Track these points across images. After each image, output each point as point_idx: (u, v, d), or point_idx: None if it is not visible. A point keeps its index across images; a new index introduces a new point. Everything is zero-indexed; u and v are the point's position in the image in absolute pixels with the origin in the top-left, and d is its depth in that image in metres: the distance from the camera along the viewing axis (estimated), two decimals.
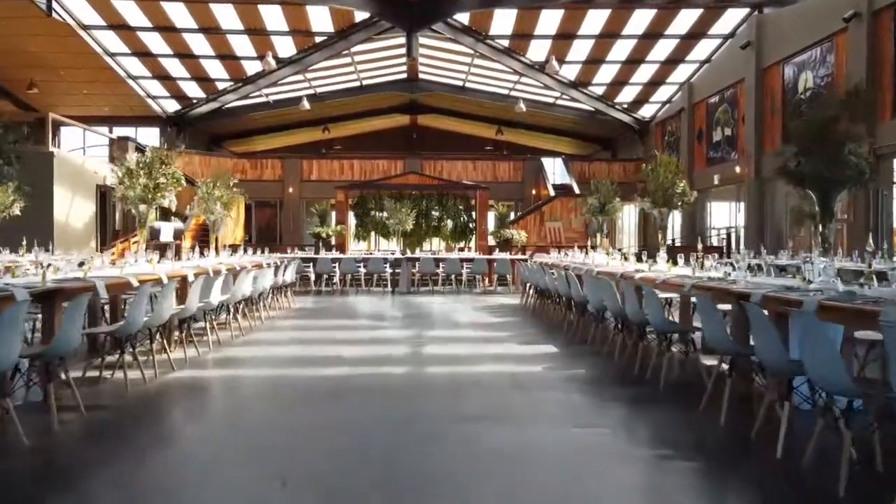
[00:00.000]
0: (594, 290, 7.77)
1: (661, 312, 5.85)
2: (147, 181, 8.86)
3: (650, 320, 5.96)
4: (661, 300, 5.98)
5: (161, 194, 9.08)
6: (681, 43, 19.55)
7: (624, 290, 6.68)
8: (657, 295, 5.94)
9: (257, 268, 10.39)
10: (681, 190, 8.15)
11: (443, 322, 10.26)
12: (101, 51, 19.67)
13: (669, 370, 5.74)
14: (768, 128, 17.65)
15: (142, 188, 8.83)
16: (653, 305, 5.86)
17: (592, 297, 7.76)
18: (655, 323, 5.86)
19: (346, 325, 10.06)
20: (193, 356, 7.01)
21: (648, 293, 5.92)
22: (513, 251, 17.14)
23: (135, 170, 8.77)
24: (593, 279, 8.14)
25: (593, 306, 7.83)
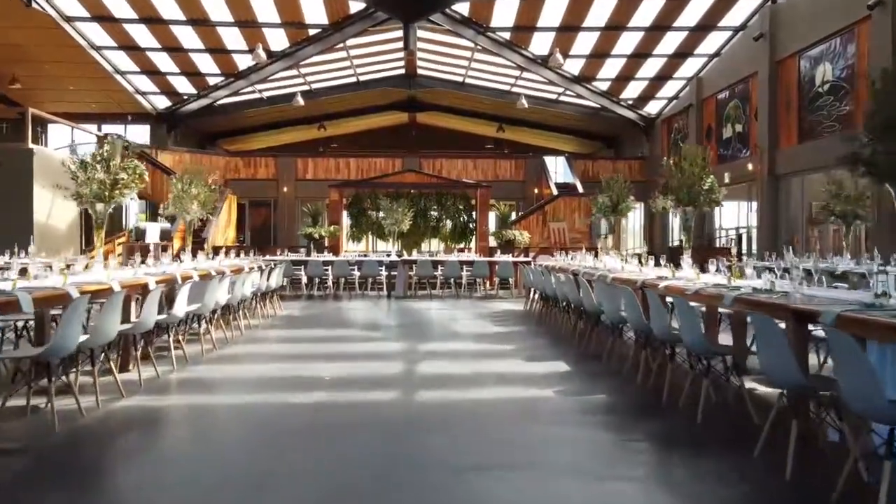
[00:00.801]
0: (610, 299, 6.78)
1: (699, 331, 4.85)
2: (104, 177, 7.83)
3: (684, 340, 4.97)
4: (698, 316, 4.99)
5: (120, 192, 8.06)
6: (689, 35, 18.55)
7: (649, 301, 5.69)
8: (694, 310, 4.94)
9: (237, 272, 9.40)
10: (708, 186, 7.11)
11: (440, 333, 9.26)
12: (86, 44, 18.68)
13: (707, 400, 4.75)
14: (783, 123, 16.64)
15: (98, 184, 7.80)
16: (688, 322, 4.86)
17: (609, 307, 6.77)
18: (693, 345, 4.86)
19: (333, 336, 9.06)
20: (151, 377, 6.01)
21: (682, 307, 4.92)
22: (515, 253, 16.15)
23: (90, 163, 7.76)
24: (608, 287, 7.15)
25: (609, 318, 6.83)
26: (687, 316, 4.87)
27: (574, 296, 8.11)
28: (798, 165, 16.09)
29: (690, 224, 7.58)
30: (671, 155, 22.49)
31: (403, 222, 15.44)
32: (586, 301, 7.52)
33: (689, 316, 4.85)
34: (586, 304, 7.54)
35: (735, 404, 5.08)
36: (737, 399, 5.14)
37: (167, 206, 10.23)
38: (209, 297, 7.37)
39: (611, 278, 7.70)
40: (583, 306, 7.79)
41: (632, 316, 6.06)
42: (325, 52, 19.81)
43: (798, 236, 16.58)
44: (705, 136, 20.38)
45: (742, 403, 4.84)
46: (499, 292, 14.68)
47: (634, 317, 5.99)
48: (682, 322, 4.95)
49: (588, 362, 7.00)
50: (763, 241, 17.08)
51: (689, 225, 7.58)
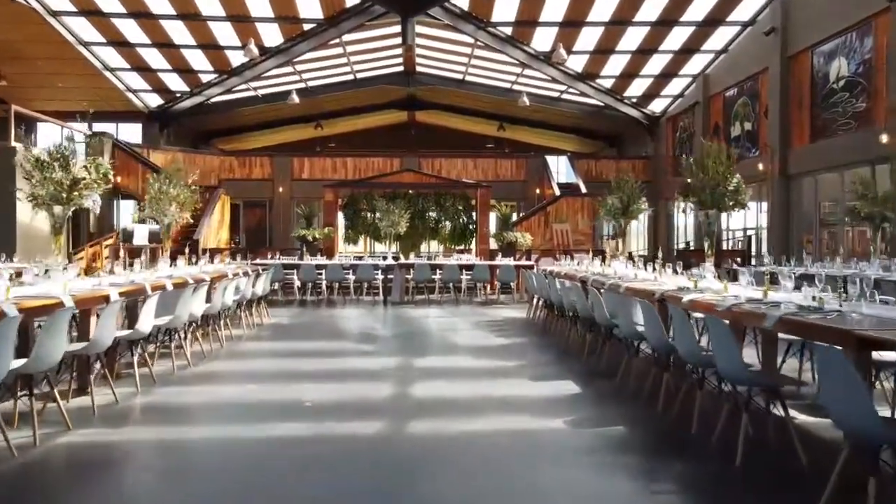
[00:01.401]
0: (624, 311, 6.04)
1: (738, 358, 4.10)
2: (63, 176, 7.06)
3: (719, 366, 4.23)
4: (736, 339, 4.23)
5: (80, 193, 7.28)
6: (696, 31, 17.81)
7: (672, 317, 4.95)
8: (732, 335, 4.18)
9: (219, 279, 8.66)
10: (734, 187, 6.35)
11: (438, 345, 8.51)
12: (74, 40, 17.95)
13: (745, 436, 4.00)
14: (795, 121, 15.89)
15: (55, 185, 7.03)
16: (724, 347, 4.11)
17: (623, 320, 6.02)
18: (731, 373, 4.12)
19: (320, 349, 8.30)
20: (108, 403, 5.27)
21: (718, 330, 4.17)
22: (517, 255, 15.41)
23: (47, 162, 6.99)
24: (621, 298, 6.41)
25: (624, 333, 6.09)
26: (723, 339, 4.11)
27: (583, 306, 7.36)
28: (811, 165, 15.35)
29: (713, 228, 6.80)
30: (677, 153, 21.77)
31: (400, 224, 14.68)
32: (597, 313, 6.77)
33: (727, 340, 4.09)
34: (597, 316, 6.79)
35: (778, 439, 4.33)
36: (777, 430, 4.39)
37: (143, 208, 9.45)
38: (182, 308, 6.62)
39: (624, 288, 6.95)
40: (593, 318, 7.06)
41: (652, 333, 5.31)
42: (320, 48, 19.07)
43: (811, 237, 15.85)
44: (712, 135, 19.61)
45: (785, 436, 4.10)
46: (500, 297, 13.94)
47: (655, 334, 5.25)
48: (716, 346, 4.21)
49: (600, 382, 6.25)
50: (774, 244, 16.33)
51: (711, 230, 6.80)
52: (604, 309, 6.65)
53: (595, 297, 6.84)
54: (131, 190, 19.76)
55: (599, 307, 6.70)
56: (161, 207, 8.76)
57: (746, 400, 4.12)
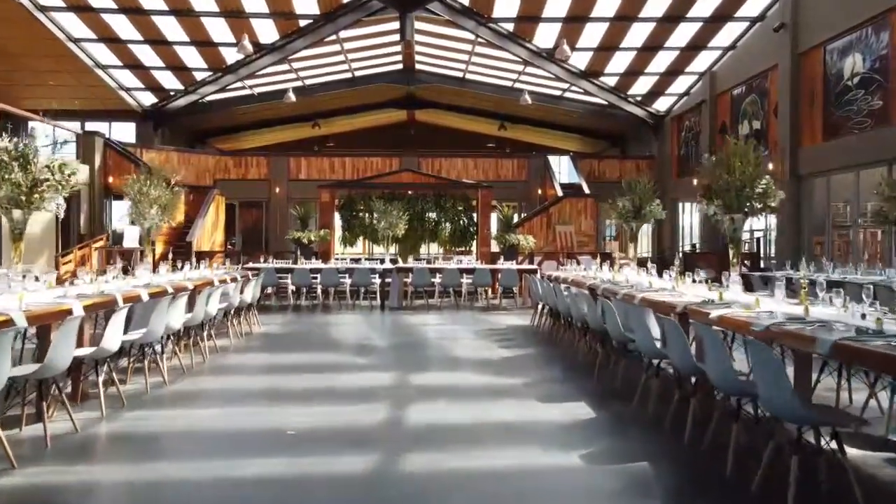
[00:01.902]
0: (641, 326, 5.43)
1: (790, 391, 3.47)
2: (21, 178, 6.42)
3: (763, 399, 3.61)
4: (785, 371, 3.60)
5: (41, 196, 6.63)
6: (703, 27, 17.17)
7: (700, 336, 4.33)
8: (781, 364, 3.55)
9: (203, 287, 8.05)
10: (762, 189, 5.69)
11: (437, 358, 7.88)
12: (63, 36, 17.32)
13: (796, 481, 3.38)
14: (806, 120, 15.26)
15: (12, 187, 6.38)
16: (770, 377, 3.49)
17: (642, 336, 5.41)
18: (780, 409, 3.50)
19: (311, 363, 7.66)
20: (64, 433, 4.65)
21: (761, 357, 3.55)
22: (519, 258, 14.80)
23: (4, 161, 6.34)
24: (637, 310, 5.79)
25: (643, 350, 5.48)
26: (769, 368, 3.49)
27: (594, 318, 6.74)
28: (823, 165, 14.72)
29: (739, 234, 6.16)
30: (682, 152, 21.15)
31: (398, 226, 14.05)
32: (610, 326, 6.15)
33: (774, 369, 3.47)
34: (611, 329, 6.17)
35: (830, 480, 3.71)
36: (830, 470, 3.77)
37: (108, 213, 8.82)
38: (157, 321, 6.00)
39: (639, 299, 6.33)
40: (605, 331, 6.44)
41: (676, 354, 4.70)
42: (317, 45, 18.44)
43: (821, 239, 15.24)
44: (719, 134, 18.99)
45: (843, 480, 3.48)
46: (502, 302, 13.32)
47: (680, 356, 4.63)
48: (761, 374, 3.59)
49: (615, 403, 5.63)
50: (784, 247, 15.72)
51: (737, 235, 6.16)
52: (618, 322, 6.03)
53: (608, 308, 6.21)
54: (123, 191, 19.12)
55: (613, 320, 6.09)
56: (141, 210, 8.13)
57: (796, 438, 3.50)
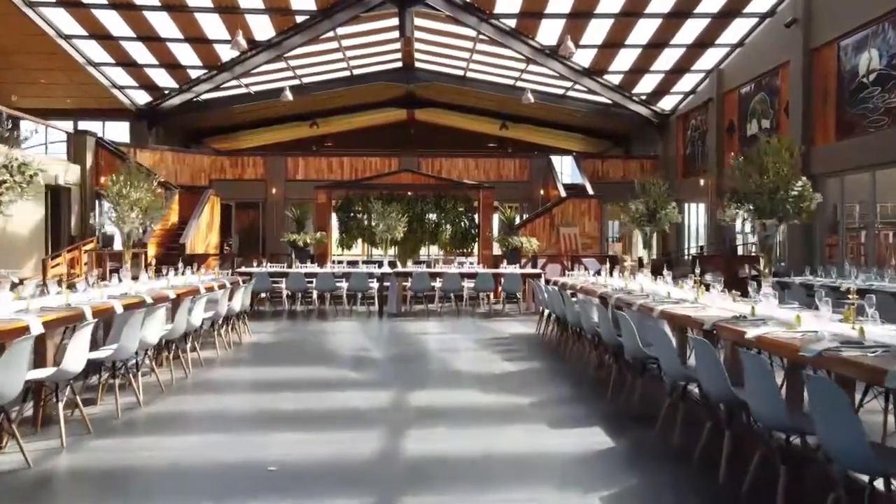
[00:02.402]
0: (663, 344, 4.84)
1: (862, 437, 2.88)
2: None
3: (825, 440, 3.02)
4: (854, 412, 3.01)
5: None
6: (711, 23, 16.57)
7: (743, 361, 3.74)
8: (849, 404, 2.96)
9: (187, 295, 7.46)
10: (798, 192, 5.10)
11: (437, 373, 7.27)
12: (53, 32, 16.72)
13: None
14: (819, 118, 14.66)
15: None
16: (835, 419, 2.91)
17: (665, 356, 4.82)
18: (848, 457, 2.91)
19: (301, 379, 7.04)
20: (15, 468, 4.06)
21: (825, 392, 2.96)
22: (523, 262, 14.20)
23: None
24: (657, 325, 5.21)
25: (666, 371, 4.89)
26: (838, 407, 2.90)
27: (607, 331, 6.14)
28: (836, 165, 14.11)
29: (772, 242, 5.56)
30: (688, 152, 20.56)
31: (397, 229, 13.45)
32: (627, 341, 5.56)
33: (842, 411, 2.88)
34: (628, 346, 5.57)
35: None
36: None
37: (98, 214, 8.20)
38: (129, 336, 5.40)
39: (659, 312, 5.74)
40: (620, 345, 5.85)
41: (709, 378, 4.11)
42: (314, 41, 17.84)
43: (835, 240, 14.66)
44: (727, 133, 18.41)
45: None
46: (505, 307, 12.73)
47: (714, 382, 4.04)
48: (825, 414, 2.99)
49: (634, 430, 5.04)
50: (795, 249, 15.13)
51: (769, 244, 5.56)
52: (636, 338, 5.44)
53: (624, 322, 5.61)
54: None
55: (630, 335, 5.49)
56: (120, 214, 7.54)
57: (870, 493, 2.90)
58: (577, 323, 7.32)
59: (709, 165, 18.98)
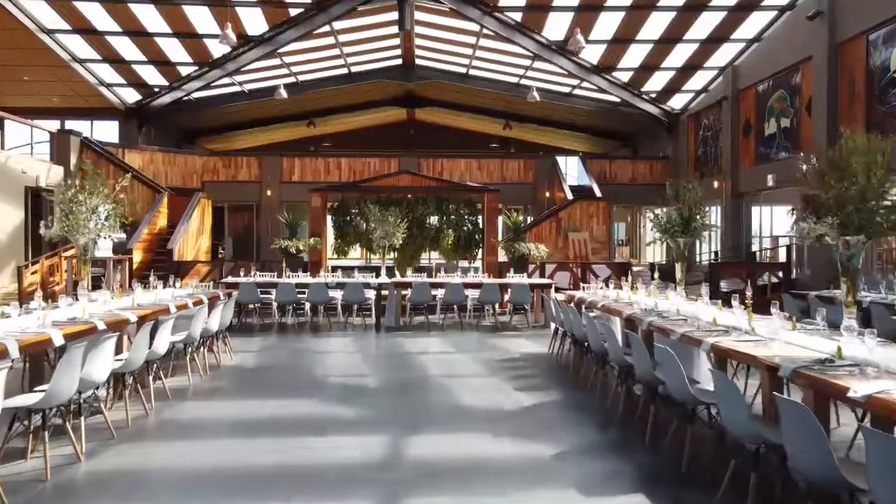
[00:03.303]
0: (728, 394, 3.79)
1: None
2: None
3: None
4: None
5: None
6: (727, 17, 15.50)
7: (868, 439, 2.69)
8: None
9: (154, 316, 6.41)
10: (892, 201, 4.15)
11: (440, 409, 6.19)
12: (34, 26, 15.66)
13: None
14: (845, 116, 13.59)
15: None
16: None
17: (731, 410, 3.77)
18: None
19: (279, 419, 5.92)
20: None
21: None
22: (530, 270, 13.17)
23: None
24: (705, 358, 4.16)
25: (738, 431, 3.83)
26: None
27: (643, 367, 5.08)
28: None
29: (857, 264, 4.51)
30: (700, 152, 19.49)
31: (395, 235, 12.39)
32: (674, 385, 4.49)
33: None
34: (675, 389, 4.51)
35: None
36: None
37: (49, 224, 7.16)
38: (64, 377, 4.35)
39: (711, 346, 4.68)
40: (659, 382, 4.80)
41: (808, 451, 3.05)
42: (309, 37, 16.78)
43: None
44: (742, 133, 17.34)
45: None
46: (512, 319, 11.67)
47: (816, 456, 2.99)
48: None
49: (690, 497, 3.98)
50: (820, 257, 14.07)
51: (854, 266, 4.50)
52: (683, 378, 4.38)
53: (667, 358, 4.54)
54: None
55: (675, 373, 4.43)
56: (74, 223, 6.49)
57: None
58: (602, 349, 6.26)
59: (723, 166, 17.92)
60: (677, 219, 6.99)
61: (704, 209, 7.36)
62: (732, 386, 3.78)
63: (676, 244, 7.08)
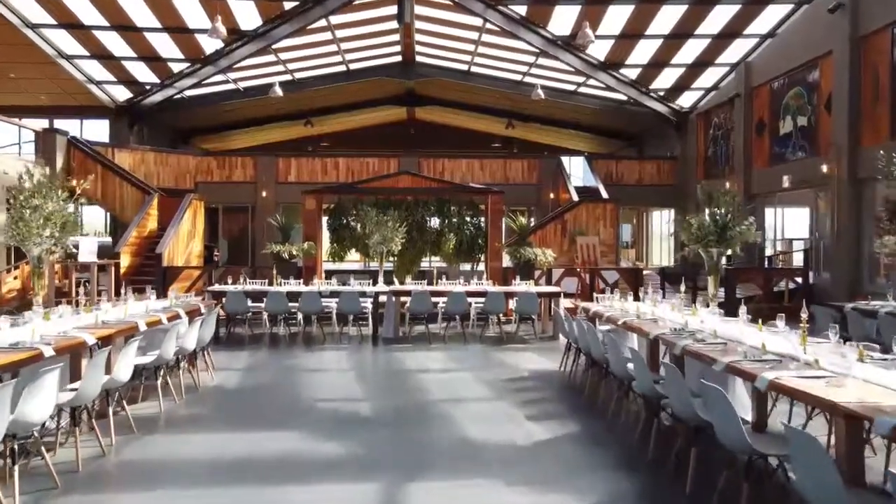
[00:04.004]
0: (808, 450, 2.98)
1: None
2: None
3: None
4: None
5: None
6: (741, 10, 14.68)
7: None
8: None
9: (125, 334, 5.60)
10: None
11: (443, 445, 5.35)
12: (18, 21, 14.84)
13: None
14: (868, 115, 12.78)
15: None
16: None
17: (812, 476, 2.95)
18: None
19: (256, 461, 5.07)
20: None
21: None
22: (536, 276, 12.36)
23: None
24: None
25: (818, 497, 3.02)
26: None
27: (681, 404, 4.25)
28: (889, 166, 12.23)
29: None
30: (710, 153, 18.64)
31: (394, 240, 11.57)
32: (727, 433, 3.68)
33: None
34: (729, 439, 3.69)
35: None
36: None
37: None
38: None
39: (769, 382, 3.85)
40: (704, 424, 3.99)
41: None
42: (305, 32, 15.97)
43: None
44: (755, 132, 16.51)
45: None
46: (519, 330, 10.84)
47: None
48: None
49: None
50: (839, 260, 13.26)
51: None
52: (738, 425, 3.56)
53: (716, 398, 3.72)
54: (88, 195, 16.66)
55: (728, 417, 3.61)
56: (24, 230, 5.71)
57: None
58: (625, 375, 5.45)
59: (735, 166, 17.10)
60: (711, 226, 6.16)
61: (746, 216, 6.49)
62: (816, 445, 2.96)
63: (710, 255, 6.25)
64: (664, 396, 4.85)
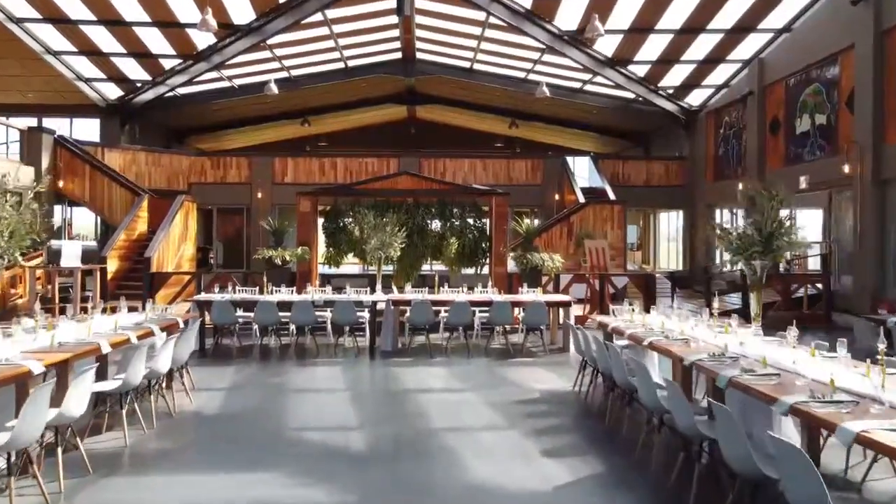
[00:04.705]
0: None
1: None
2: None
3: None
4: None
5: None
6: (756, 4, 13.93)
7: None
8: None
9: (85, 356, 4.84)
10: None
11: (445, 489, 4.56)
12: (2, 15, 14.08)
13: None
14: (892, 112, 12.01)
15: None
16: None
17: None
18: None
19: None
20: None
21: None
22: (543, 281, 11.59)
23: None
24: None
25: None
26: None
27: (742, 454, 3.48)
28: None
29: None
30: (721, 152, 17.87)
31: (393, 246, 10.79)
32: (797, 492, 2.91)
33: None
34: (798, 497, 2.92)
35: None
36: None
37: None
38: None
39: (853, 437, 3.08)
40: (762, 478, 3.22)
41: None
42: (301, 27, 15.21)
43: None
44: (770, 131, 15.73)
45: None
46: (526, 341, 10.05)
47: None
48: None
49: None
50: (862, 265, 12.50)
51: None
52: (821, 486, 2.80)
53: (790, 456, 2.95)
54: (76, 196, 15.94)
55: (807, 476, 2.85)
56: None
57: None
58: (657, 407, 4.67)
59: (747, 167, 16.33)
60: (754, 235, 5.37)
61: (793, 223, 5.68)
62: None
63: (752, 269, 5.45)
64: (707, 437, 4.09)
